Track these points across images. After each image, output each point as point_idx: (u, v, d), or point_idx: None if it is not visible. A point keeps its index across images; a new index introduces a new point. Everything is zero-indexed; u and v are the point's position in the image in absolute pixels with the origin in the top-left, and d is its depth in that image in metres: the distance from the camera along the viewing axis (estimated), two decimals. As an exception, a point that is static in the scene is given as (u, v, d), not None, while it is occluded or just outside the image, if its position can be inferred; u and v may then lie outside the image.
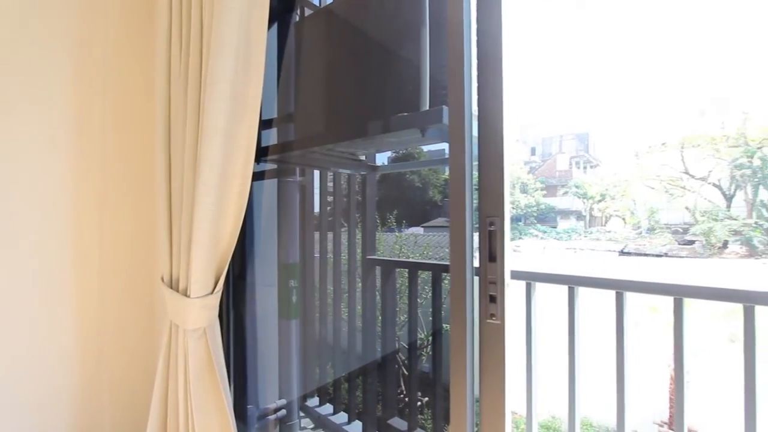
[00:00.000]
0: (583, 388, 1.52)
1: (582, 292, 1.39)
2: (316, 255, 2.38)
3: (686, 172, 13.64)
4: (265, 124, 1.68)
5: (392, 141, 1.42)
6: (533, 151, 24.73)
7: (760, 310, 1.09)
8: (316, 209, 2.32)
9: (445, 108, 1.01)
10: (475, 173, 0.81)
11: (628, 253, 12.33)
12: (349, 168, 1.91)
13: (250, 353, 1.72)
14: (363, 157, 1.88)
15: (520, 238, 18.17)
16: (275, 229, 1.91)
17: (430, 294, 1.82)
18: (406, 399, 2.16)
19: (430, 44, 1.10)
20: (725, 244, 11.58)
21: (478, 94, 0.82)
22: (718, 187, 13.04)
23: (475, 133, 0.82)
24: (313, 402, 2.28)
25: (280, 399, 1.92)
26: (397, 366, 2.54)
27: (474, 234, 0.80)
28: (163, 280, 1.32)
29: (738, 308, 1.12)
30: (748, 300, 1.06)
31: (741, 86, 12.42)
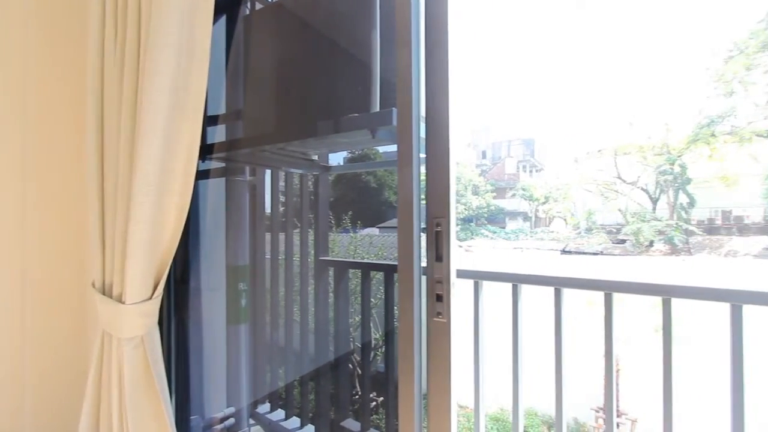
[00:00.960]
0: (527, 380, 1.60)
1: (525, 289, 1.47)
2: (268, 256, 2.32)
3: (619, 177, 14.92)
4: (211, 121, 1.61)
5: (344, 141, 1.41)
6: (484, 155, 25.80)
7: (676, 303, 1.21)
8: (268, 209, 2.25)
9: (395, 110, 1.03)
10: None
11: (569, 252, 13.22)
12: (301, 168, 1.88)
13: (194, 361, 1.64)
14: (315, 157, 1.85)
15: (472, 238, 18.86)
16: (223, 230, 1.83)
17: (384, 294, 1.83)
18: (360, 400, 2.15)
19: (381, 46, 1.11)
20: (651, 243, 12.80)
21: (426, 97, 0.84)
22: (646, 191, 14.39)
23: (423, 134, 0.84)
24: (264, 408, 2.21)
25: (228, 407, 1.84)
26: (351, 367, 2.53)
27: (422, 234, 0.82)
28: (94, 285, 1.21)
29: (660, 301, 1.25)
30: (667, 293, 1.18)
31: (663, 101, 13.75)
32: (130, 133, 1.10)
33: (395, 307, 1.79)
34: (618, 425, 5.38)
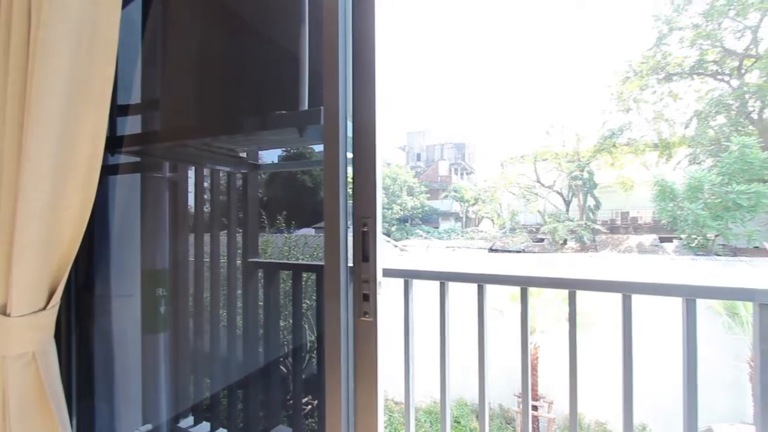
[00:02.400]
0: (458, 372, 1.68)
1: (452, 286, 1.55)
2: (192, 259, 2.16)
3: (538, 181, 16.35)
4: (121, 111, 1.46)
5: (273, 139, 1.37)
6: (419, 157, 26.65)
7: (581, 294, 1.36)
8: (192, 209, 2.10)
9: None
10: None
11: (496, 250, 14.15)
12: (228, 165, 1.78)
13: (101, 377, 1.47)
14: (244, 155, 1.76)
15: (407, 238, 19.35)
16: (138, 231, 1.68)
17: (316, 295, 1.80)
18: (293, 405, 2.10)
19: (309, 43, 1.09)
20: (565, 241, 14.21)
21: (353, 96, 0.84)
22: (560, 194, 15.95)
23: (350, 134, 0.84)
24: (187, 422, 2.06)
25: (144, 425, 1.68)
26: (285, 371, 2.46)
27: (348, 234, 0.82)
28: (-30, 296, 1.04)
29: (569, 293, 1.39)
30: (572, 286, 1.32)
31: (575, 113, 15.30)
32: (17, 122, 0.96)
33: (328, 308, 1.78)
34: (537, 408, 5.89)
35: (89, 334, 1.43)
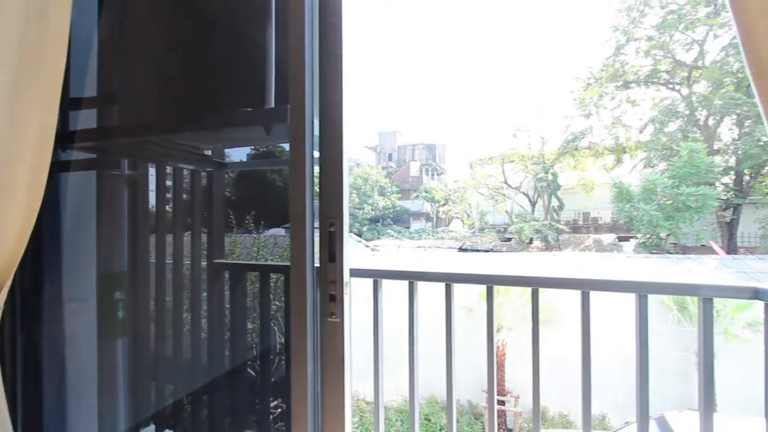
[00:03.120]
0: (429, 370, 1.70)
1: (424, 285, 1.56)
2: (152, 261, 2.07)
3: (506, 182, 16.83)
4: (75, 104, 1.38)
5: (238, 137, 1.33)
6: (390, 158, 26.77)
7: (548, 291, 1.41)
8: (153, 209, 2.01)
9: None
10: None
11: (465, 250, 14.43)
12: (191, 163, 1.71)
13: (49, 388, 1.38)
14: (209, 153, 1.70)
15: (378, 238, 19.39)
16: (93, 232, 1.59)
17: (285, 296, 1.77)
18: (261, 408, 2.06)
19: (276, 40, 1.06)
20: (531, 240, 14.71)
21: (320, 94, 0.83)
22: (527, 195, 16.49)
23: (317, 132, 0.83)
24: (148, 431, 1.97)
25: (100, 436, 1.60)
26: (254, 375, 2.40)
27: (315, 234, 0.81)
28: None
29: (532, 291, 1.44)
30: (535, 284, 1.36)
31: (540, 116, 15.88)
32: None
33: (297, 309, 1.75)
34: (504, 402, 6.06)
35: (37, 341, 1.34)
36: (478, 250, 14.00)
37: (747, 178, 11.77)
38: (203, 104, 1.25)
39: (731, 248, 11.64)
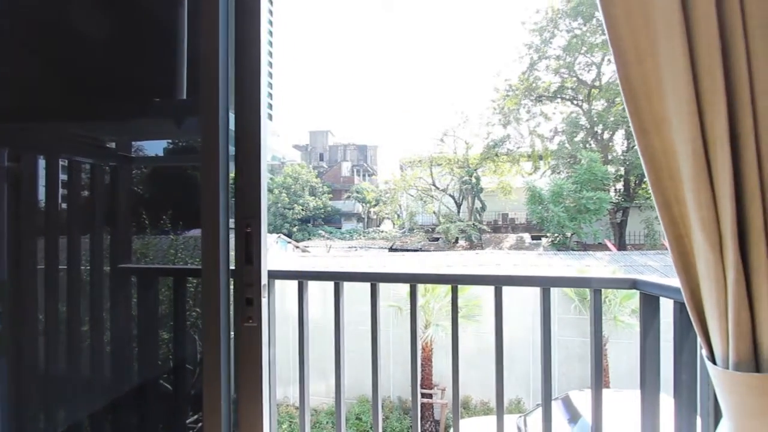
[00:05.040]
0: (358, 368, 1.70)
1: (350, 285, 1.56)
2: (41, 267, 1.80)
3: (434, 184, 17.57)
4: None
5: (145, 129, 1.21)
6: (321, 157, 26.42)
7: (472, 287, 1.50)
8: (43, 207, 1.74)
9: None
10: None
11: (395, 249, 14.77)
12: (90, 156, 1.51)
13: None
14: (112, 145, 1.52)
15: (309, 239, 19.00)
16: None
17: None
18: (175, 424, 1.89)
19: (189, 26, 0.98)
20: (457, 240, 15.54)
21: (236, 86, 0.78)
22: (453, 197, 17.38)
23: (233, 127, 0.78)
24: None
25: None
26: (170, 389, 2.20)
27: (231, 235, 0.77)
28: None
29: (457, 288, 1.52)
30: (454, 281, 1.44)
31: (465, 123, 16.83)
32: None
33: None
34: (432, 395, 6.31)
35: None
36: (407, 250, 14.41)
37: (633, 184, 13.72)
38: (102, 90, 1.11)
39: (621, 245, 13.48)
